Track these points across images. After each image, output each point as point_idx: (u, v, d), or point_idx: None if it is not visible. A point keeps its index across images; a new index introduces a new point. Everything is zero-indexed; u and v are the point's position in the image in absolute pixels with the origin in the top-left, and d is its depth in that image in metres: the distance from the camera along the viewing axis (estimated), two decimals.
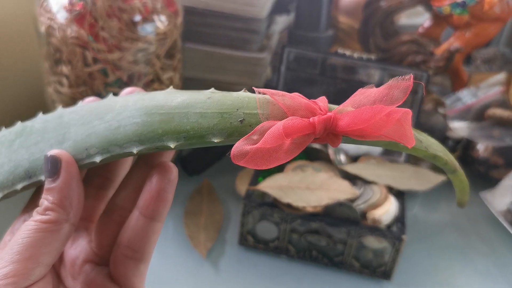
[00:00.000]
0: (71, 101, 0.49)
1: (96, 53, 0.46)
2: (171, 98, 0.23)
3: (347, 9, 0.80)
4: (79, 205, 0.24)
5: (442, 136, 0.63)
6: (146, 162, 0.26)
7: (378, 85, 0.58)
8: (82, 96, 0.49)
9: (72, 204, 0.23)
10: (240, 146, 0.20)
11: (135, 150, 0.22)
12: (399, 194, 0.53)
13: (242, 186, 0.58)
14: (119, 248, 0.26)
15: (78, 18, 0.46)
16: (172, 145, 0.22)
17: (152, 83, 0.51)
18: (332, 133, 0.21)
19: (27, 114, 0.64)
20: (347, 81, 0.58)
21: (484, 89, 0.65)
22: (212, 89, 0.23)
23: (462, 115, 0.65)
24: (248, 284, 0.49)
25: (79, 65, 0.47)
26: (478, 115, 0.64)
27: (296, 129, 0.20)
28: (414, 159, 0.59)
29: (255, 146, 0.20)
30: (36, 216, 0.23)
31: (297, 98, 0.21)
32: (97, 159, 0.23)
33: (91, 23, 0.45)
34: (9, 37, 0.60)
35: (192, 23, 0.58)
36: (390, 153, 0.59)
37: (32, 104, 0.64)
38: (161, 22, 0.49)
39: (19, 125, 0.28)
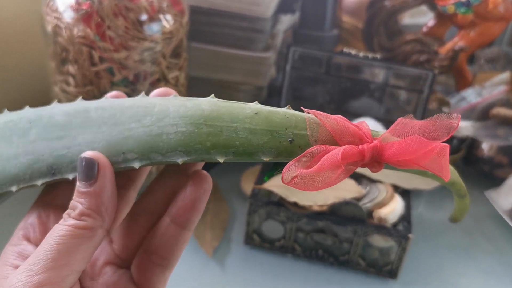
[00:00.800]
0: None
1: (102, 52, 0.46)
2: (217, 109, 0.22)
3: (350, 8, 0.80)
4: (113, 210, 0.23)
5: None
6: (178, 168, 0.26)
7: (383, 84, 0.58)
8: (89, 96, 0.49)
9: (107, 210, 0.23)
10: (292, 167, 0.20)
11: (180, 161, 0.22)
12: (405, 193, 0.53)
13: (247, 185, 0.58)
14: (146, 253, 0.25)
15: (85, 17, 0.46)
16: (220, 160, 0.22)
17: (158, 82, 0.51)
18: (376, 160, 0.21)
19: None
20: (351, 80, 0.58)
21: (489, 88, 0.66)
22: (256, 103, 0.23)
23: (467, 114, 0.65)
24: (254, 283, 0.49)
25: (85, 64, 0.47)
26: (482, 114, 0.64)
27: (351, 157, 0.20)
28: None
29: (309, 170, 0.20)
30: (70, 220, 0.22)
31: (342, 121, 0.22)
32: (136, 164, 0.22)
33: (97, 23, 0.46)
34: (15, 36, 0.60)
35: (197, 22, 0.58)
36: None
37: (37, 104, 0.64)
38: (167, 21, 0.49)
39: (30, 111, 0.26)
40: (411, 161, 0.20)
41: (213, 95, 0.23)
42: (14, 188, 0.24)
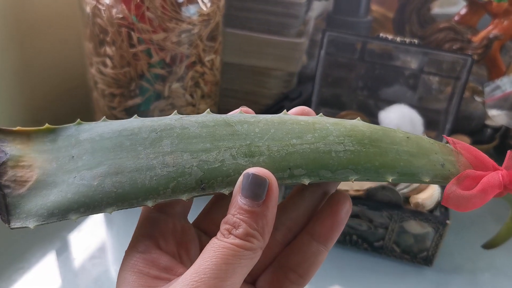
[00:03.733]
0: (114, 82, 0.50)
1: (141, 33, 0.46)
2: (375, 131, 0.24)
3: None
4: (271, 230, 0.22)
5: (480, 124, 0.62)
6: (319, 186, 0.26)
7: (418, 70, 0.58)
8: (126, 77, 0.49)
9: (269, 231, 0.21)
10: (452, 188, 0.23)
11: (351, 178, 0.22)
12: None
13: None
14: (282, 270, 0.25)
15: None
16: (389, 179, 0.23)
17: (194, 65, 0.51)
18: (507, 186, 0.23)
19: (69, 95, 0.65)
20: (385, 66, 0.58)
21: None
22: (400, 129, 0.24)
23: (500, 104, 0.64)
24: None
25: (123, 46, 0.47)
26: None
27: (508, 181, 0.23)
28: None
29: (470, 191, 0.22)
30: (234, 239, 0.21)
31: (475, 150, 0.24)
32: (305, 181, 0.22)
33: (137, 4, 0.46)
34: (52, 19, 0.60)
35: (231, 7, 0.58)
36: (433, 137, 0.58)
37: (73, 86, 0.65)
38: (204, 3, 0.49)
39: (141, 122, 0.23)
40: None
41: (359, 118, 0.25)
42: (150, 203, 0.22)
